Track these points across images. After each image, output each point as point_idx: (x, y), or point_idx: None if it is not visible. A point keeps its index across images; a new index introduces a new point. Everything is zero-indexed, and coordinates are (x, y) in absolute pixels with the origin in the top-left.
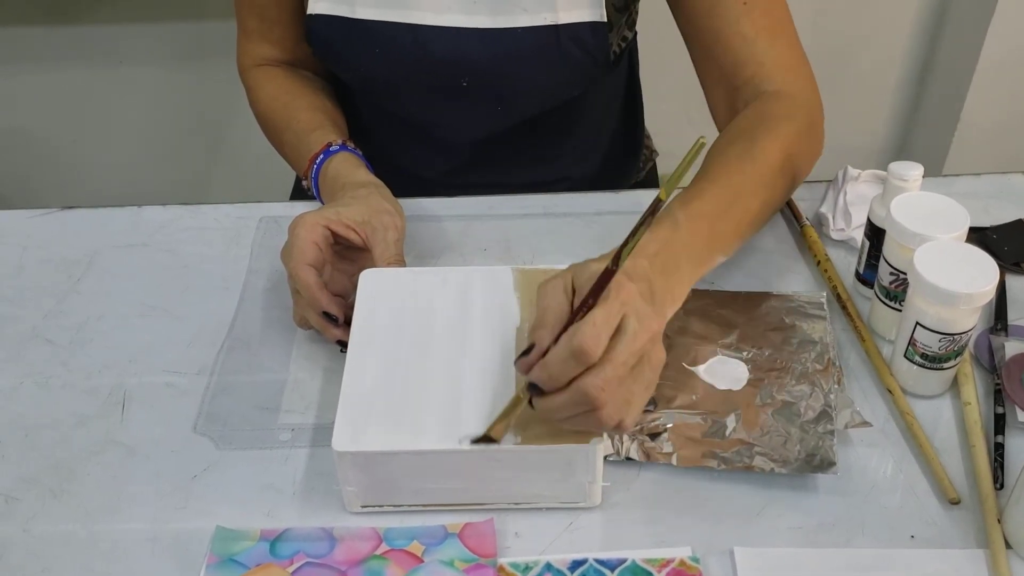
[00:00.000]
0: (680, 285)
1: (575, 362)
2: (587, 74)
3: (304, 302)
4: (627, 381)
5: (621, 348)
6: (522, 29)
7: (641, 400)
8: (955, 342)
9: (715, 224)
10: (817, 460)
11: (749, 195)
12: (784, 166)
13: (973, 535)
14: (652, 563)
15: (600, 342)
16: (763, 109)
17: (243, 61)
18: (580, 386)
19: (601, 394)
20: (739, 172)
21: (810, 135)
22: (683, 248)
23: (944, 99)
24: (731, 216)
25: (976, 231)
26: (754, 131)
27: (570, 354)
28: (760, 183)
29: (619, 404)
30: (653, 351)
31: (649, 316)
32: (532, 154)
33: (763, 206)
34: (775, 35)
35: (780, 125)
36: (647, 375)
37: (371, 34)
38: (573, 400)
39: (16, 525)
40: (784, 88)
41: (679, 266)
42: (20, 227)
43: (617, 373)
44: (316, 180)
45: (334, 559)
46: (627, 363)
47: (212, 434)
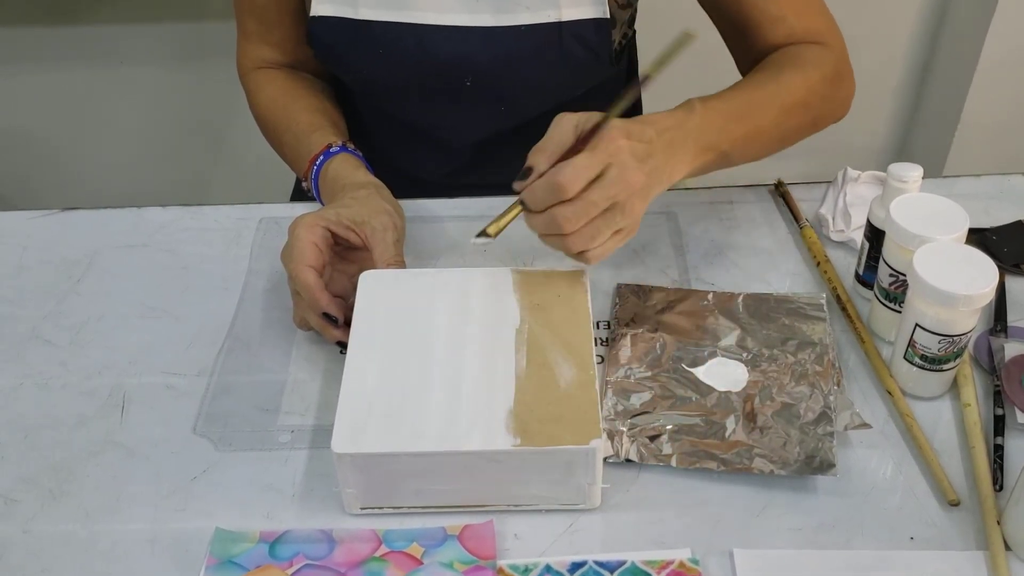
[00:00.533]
0: (681, 163)
1: (552, 193)
2: (590, 72)
3: (304, 303)
4: (597, 220)
5: (595, 191)
6: (525, 27)
7: (608, 240)
8: (955, 343)
9: (729, 122)
10: (817, 462)
11: (765, 110)
12: (804, 101)
13: (973, 536)
14: (652, 565)
15: (577, 182)
16: (794, 51)
17: (243, 63)
18: (553, 213)
19: (567, 223)
20: (761, 89)
21: (836, 83)
22: (693, 131)
23: (944, 100)
24: (745, 121)
25: (976, 232)
26: (781, 65)
27: (551, 186)
28: (778, 105)
29: (584, 237)
30: (630, 202)
31: (633, 170)
32: None
33: (777, 126)
34: (802, 11)
35: (807, 67)
36: (618, 220)
37: (374, 35)
38: (546, 223)
39: (16, 526)
40: (816, 40)
41: (684, 145)
42: (20, 228)
43: (586, 210)
44: (316, 181)
45: (333, 561)
46: (597, 204)
47: (212, 435)
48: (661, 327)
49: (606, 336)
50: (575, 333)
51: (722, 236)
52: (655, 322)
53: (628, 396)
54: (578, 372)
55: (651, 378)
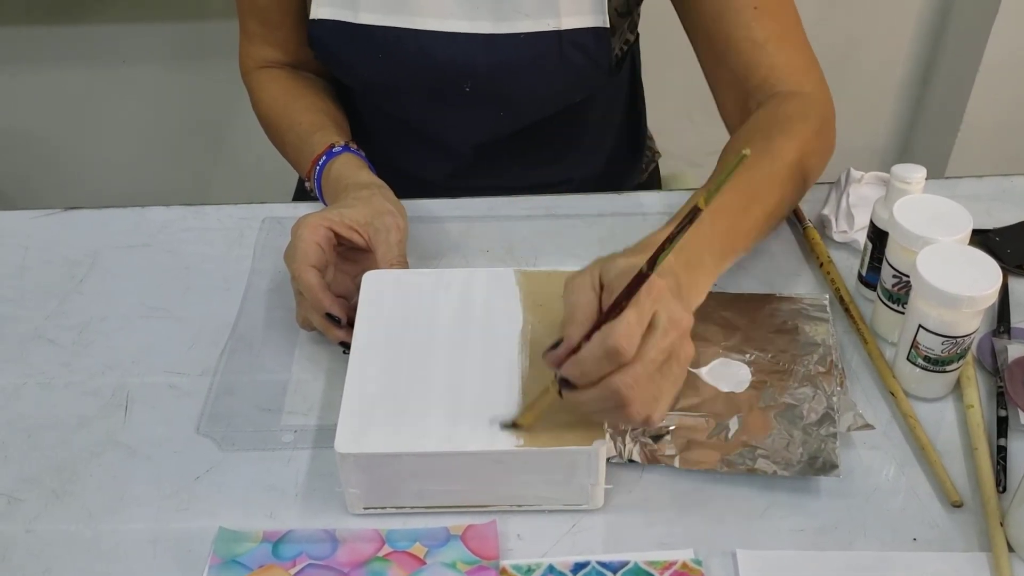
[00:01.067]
0: (704, 278)
1: (608, 361)
2: (589, 80)
3: (307, 303)
4: (656, 377)
5: (651, 345)
6: (524, 35)
7: (669, 395)
8: (958, 345)
9: (736, 220)
10: (820, 463)
11: (767, 192)
12: (799, 164)
13: (975, 538)
14: (654, 565)
15: (633, 342)
16: (777, 109)
17: (245, 64)
18: (611, 383)
19: (631, 392)
20: (757, 170)
21: (823, 134)
22: (706, 243)
23: (947, 100)
24: (751, 213)
25: (979, 233)
26: (769, 131)
27: (604, 353)
28: (777, 181)
29: (647, 400)
30: (682, 347)
31: (679, 313)
32: (534, 157)
33: (780, 203)
34: (785, 39)
35: (795, 125)
36: (675, 371)
37: (374, 39)
38: (603, 396)
39: (18, 526)
40: (796, 89)
41: (702, 261)
42: (22, 228)
43: (647, 371)
44: (319, 181)
45: (336, 561)
46: (656, 360)
47: (215, 435)
48: None
49: None
50: None
51: None
52: None
53: None
54: None
55: None
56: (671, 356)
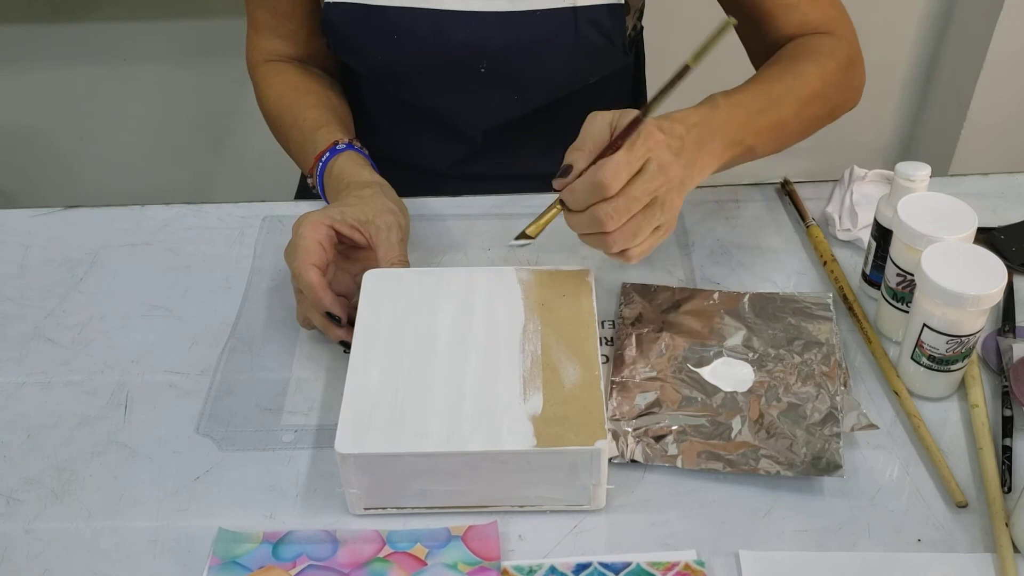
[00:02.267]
0: (710, 156)
1: (595, 192)
2: (603, 58)
3: (308, 302)
4: (637, 216)
5: (636, 186)
6: (541, 12)
7: (648, 236)
8: (962, 344)
9: (752, 116)
10: (823, 463)
11: (786, 103)
12: (821, 92)
13: (981, 539)
14: (657, 566)
15: (619, 179)
16: (807, 42)
17: (252, 56)
18: (594, 211)
19: (610, 221)
20: (779, 82)
21: (849, 72)
22: (719, 126)
23: (951, 97)
24: (767, 114)
25: (983, 232)
26: (796, 57)
27: (592, 185)
28: (797, 96)
29: (626, 234)
30: (669, 196)
31: (671, 164)
32: (542, 144)
33: (797, 118)
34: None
35: (821, 57)
36: (658, 215)
37: (389, 21)
38: (587, 222)
39: (18, 525)
40: (827, 30)
41: (712, 139)
42: (23, 226)
43: (628, 206)
44: (321, 178)
45: (337, 562)
46: (639, 199)
47: (215, 435)
48: (666, 327)
49: (611, 336)
50: (580, 332)
51: (728, 235)
52: (660, 322)
53: (633, 396)
54: (583, 372)
55: (656, 378)
56: (656, 200)
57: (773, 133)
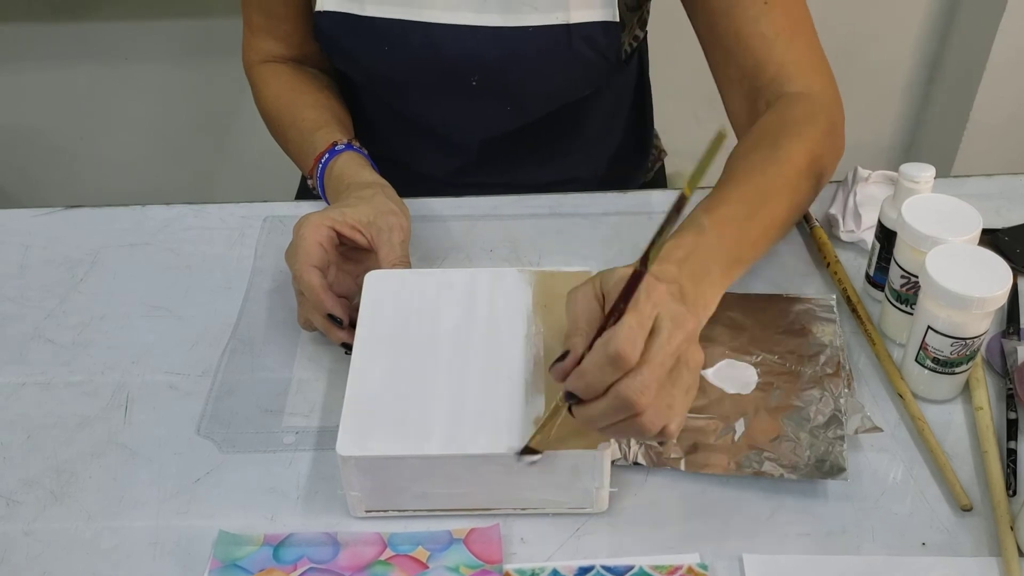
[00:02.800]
0: (711, 289)
1: (612, 368)
2: (598, 74)
3: (308, 304)
4: (666, 385)
5: (657, 349)
6: (533, 28)
7: (683, 404)
8: (967, 346)
9: (742, 228)
10: (827, 466)
11: (775, 198)
12: (808, 168)
13: (985, 542)
14: (660, 570)
15: (636, 345)
16: (785, 112)
17: (249, 57)
18: (619, 391)
19: (641, 398)
20: (763, 175)
21: (832, 136)
22: (711, 253)
23: (953, 98)
24: (758, 220)
25: (988, 233)
26: (777, 134)
27: (606, 360)
28: (785, 186)
29: (661, 409)
30: (689, 352)
31: (683, 315)
32: (541, 154)
33: (789, 209)
34: (795, 35)
35: (803, 128)
36: (686, 378)
37: (380, 32)
38: (613, 407)
39: (17, 527)
40: (805, 89)
41: (708, 271)
42: (23, 226)
43: (655, 375)
44: (321, 179)
45: (338, 565)
46: (664, 364)
47: (215, 436)
48: None
49: None
50: None
51: None
52: None
53: None
54: None
55: None
56: (679, 361)
57: (768, 236)
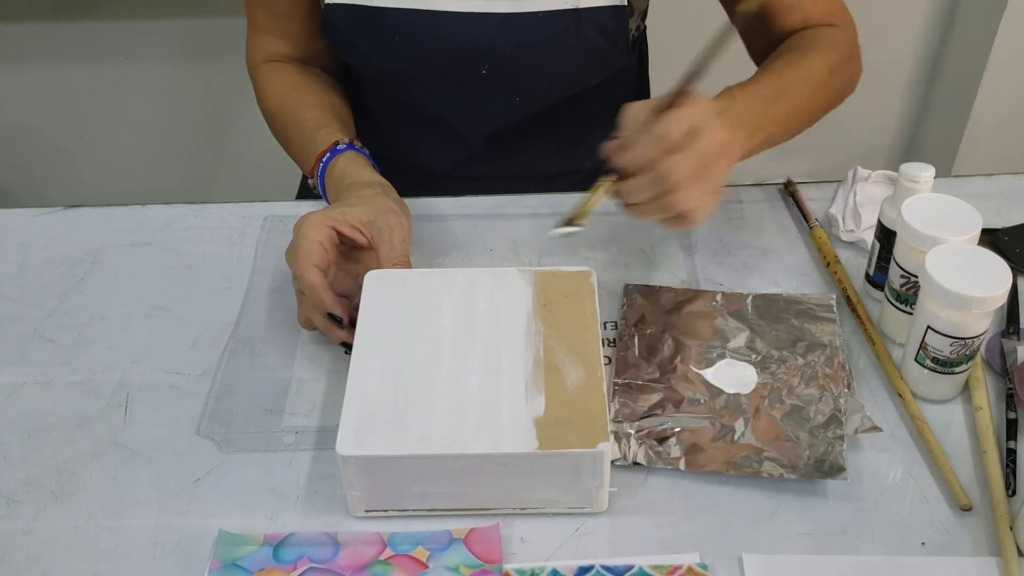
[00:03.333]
0: (737, 143)
1: (658, 146)
2: (606, 59)
3: (309, 303)
4: (699, 179)
5: (696, 144)
6: (542, 13)
7: (709, 200)
8: (967, 346)
9: (767, 104)
10: (827, 466)
11: (797, 91)
12: (827, 81)
13: (985, 542)
14: (659, 569)
15: (681, 128)
16: (810, 35)
17: (252, 57)
18: (659, 167)
19: (675, 174)
20: (789, 72)
21: (851, 61)
22: (739, 115)
23: (954, 98)
24: (781, 103)
25: (987, 233)
26: (801, 48)
27: (654, 137)
28: (806, 85)
29: (694, 188)
30: (721, 159)
31: (720, 127)
32: (544, 146)
33: (808, 105)
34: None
35: (825, 49)
36: (714, 179)
37: (390, 22)
38: (651, 180)
39: (17, 527)
40: (829, 23)
41: (736, 128)
42: (23, 226)
43: (692, 160)
44: (322, 179)
45: (338, 564)
46: (701, 157)
47: (215, 436)
48: (669, 328)
49: (613, 337)
50: (582, 334)
51: (731, 236)
52: (663, 323)
53: (636, 398)
54: (585, 374)
55: (659, 380)
56: (707, 161)
57: (788, 121)
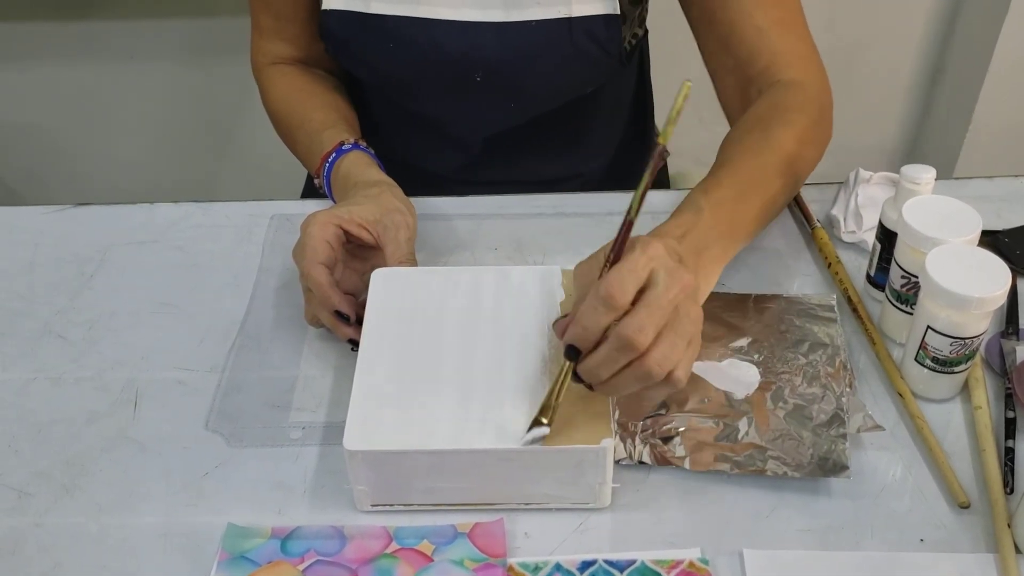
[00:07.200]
0: (711, 263)
1: (604, 308)
2: (599, 68)
3: (316, 300)
4: (668, 332)
5: (652, 297)
6: (535, 22)
7: (686, 352)
8: (966, 346)
9: (736, 209)
10: (830, 464)
11: (766, 182)
12: (798, 155)
13: (983, 539)
14: (661, 564)
15: (625, 287)
16: (776, 100)
17: (257, 59)
18: (617, 331)
19: (639, 336)
20: (756, 159)
21: (821, 124)
22: (708, 231)
23: (956, 101)
24: (751, 202)
25: (988, 234)
26: (768, 121)
27: (598, 301)
28: (776, 171)
29: (665, 352)
30: (687, 305)
31: (679, 270)
32: (544, 151)
33: (779, 193)
34: (787, 26)
35: (793, 116)
36: (687, 327)
37: (385, 29)
38: (614, 348)
39: (29, 519)
40: (796, 78)
41: (708, 247)
42: (33, 224)
43: (652, 317)
44: (328, 178)
45: (344, 557)
46: (663, 310)
47: (223, 431)
48: None
49: None
50: None
51: None
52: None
53: (640, 398)
54: None
55: None
56: (679, 312)
57: (761, 217)
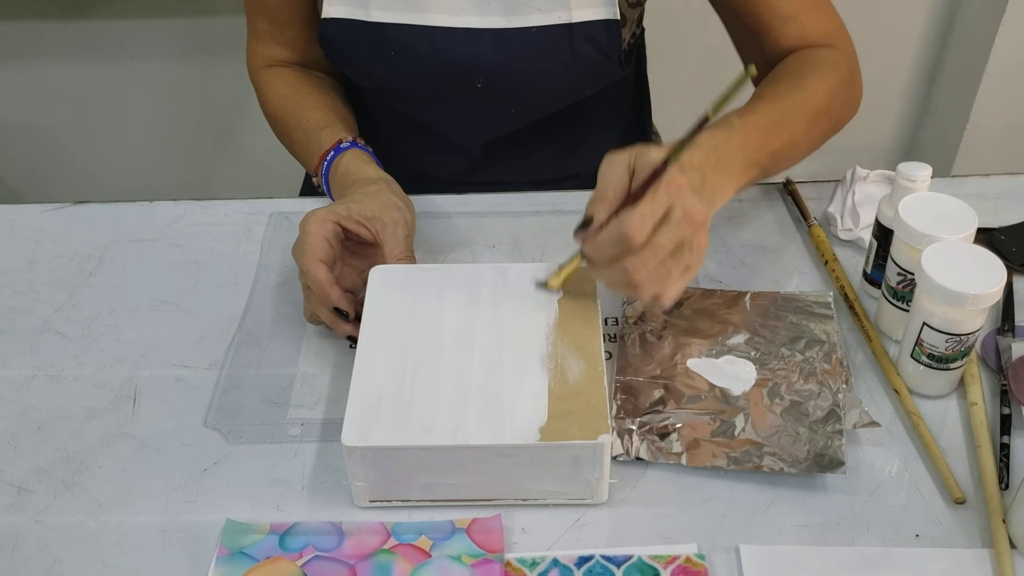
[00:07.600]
0: (731, 180)
1: (620, 244)
2: (600, 73)
3: (315, 298)
4: (666, 262)
5: (662, 234)
6: (536, 29)
7: (679, 279)
8: (962, 343)
9: (767, 136)
10: (826, 460)
11: (796, 120)
12: (828, 106)
13: (978, 535)
14: (658, 560)
15: (643, 231)
16: (809, 56)
17: (253, 62)
18: (621, 265)
19: (638, 274)
20: (789, 99)
21: (851, 85)
22: (737, 148)
23: (953, 99)
24: (780, 133)
25: (984, 232)
26: (801, 70)
27: (616, 238)
28: (806, 113)
29: (655, 280)
30: (695, 238)
31: (695, 207)
32: (542, 154)
33: (807, 135)
34: (814, 8)
35: (825, 71)
36: (687, 258)
37: (386, 37)
38: (614, 276)
39: (28, 516)
40: (826, 43)
41: (732, 163)
42: (33, 221)
43: (656, 256)
44: (326, 177)
45: (343, 553)
46: (665, 247)
47: (222, 428)
48: (669, 325)
49: (614, 333)
50: (584, 329)
51: (730, 234)
52: (663, 320)
53: (637, 394)
54: (587, 367)
55: (660, 376)
56: (683, 245)
57: (786, 152)
